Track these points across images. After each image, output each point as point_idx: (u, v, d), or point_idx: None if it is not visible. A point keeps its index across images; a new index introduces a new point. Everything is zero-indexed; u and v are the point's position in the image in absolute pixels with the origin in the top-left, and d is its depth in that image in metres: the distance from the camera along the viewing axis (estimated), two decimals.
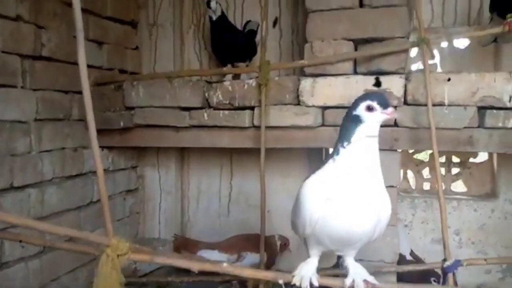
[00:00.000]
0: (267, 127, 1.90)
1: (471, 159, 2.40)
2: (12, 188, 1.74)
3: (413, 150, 2.40)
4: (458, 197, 2.34)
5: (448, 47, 2.31)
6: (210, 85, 1.99)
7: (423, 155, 2.50)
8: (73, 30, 1.97)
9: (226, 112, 1.98)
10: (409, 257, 2.03)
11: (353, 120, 1.12)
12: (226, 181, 2.59)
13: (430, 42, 1.67)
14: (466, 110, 1.71)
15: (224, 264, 1.00)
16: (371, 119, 1.10)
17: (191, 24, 2.57)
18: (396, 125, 1.77)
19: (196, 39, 2.58)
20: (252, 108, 1.95)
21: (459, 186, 2.44)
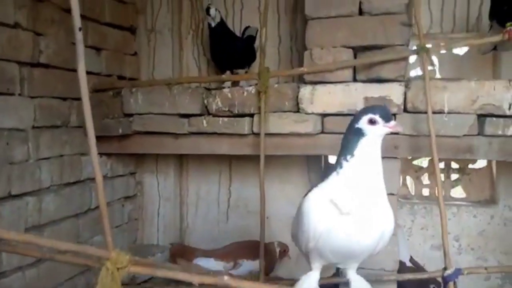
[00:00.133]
0: (267, 134, 1.89)
1: (470, 165, 2.40)
2: (10, 196, 1.72)
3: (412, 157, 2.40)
4: (458, 203, 2.34)
5: (447, 53, 2.31)
6: (209, 92, 1.99)
7: (423, 161, 2.49)
8: (71, 36, 1.98)
9: (225, 119, 1.97)
10: (408, 263, 2.02)
11: (355, 133, 1.11)
12: (225, 187, 2.58)
13: (430, 51, 1.67)
14: (466, 118, 1.71)
15: (225, 277, 0.99)
16: (373, 133, 1.09)
17: (190, 30, 2.57)
18: (396, 132, 1.76)
19: (194, 45, 2.57)
20: (251, 115, 1.94)
21: (458, 192, 2.44)
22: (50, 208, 1.91)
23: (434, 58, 2.25)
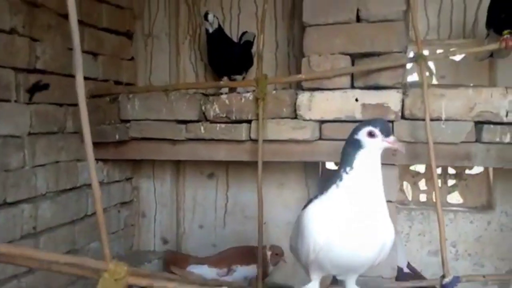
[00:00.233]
0: (264, 141, 1.88)
1: (467, 171, 2.40)
2: (5, 204, 1.71)
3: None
4: (455, 209, 2.34)
5: (443, 59, 2.32)
6: (207, 98, 1.98)
7: (420, 167, 2.50)
8: (68, 41, 1.97)
9: (223, 125, 1.96)
10: (406, 269, 2.02)
11: (354, 144, 1.11)
12: (222, 192, 2.58)
13: (427, 59, 1.67)
14: (463, 125, 1.71)
15: None
16: (372, 145, 1.10)
17: (187, 35, 2.56)
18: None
19: (192, 50, 2.56)
20: (249, 121, 1.94)
21: (455, 198, 2.44)
22: (46, 215, 1.90)
23: (431, 64, 2.26)
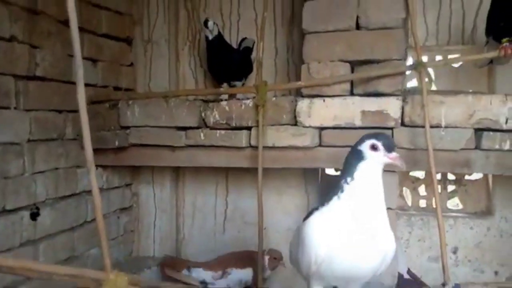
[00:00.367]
0: (264, 147, 1.89)
1: (467, 177, 2.40)
2: (4, 211, 1.70)
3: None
4: (454, 214, 2.34)
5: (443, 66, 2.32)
6: (206, 104, 1.98)
7: (419, 172, 2.50)
8: (67, 48, 1.99)
9: (222, 132, 1.96)
10: (406, 275, 2.02)
11: (356, 155, 1.12)
12: (222, 198, 2.57)
13: (427, 66, 1.68)
14: (463, 132, 1.72)
15: None
16: (373, 158, 1.10)
17: (186, 41, 2.56)
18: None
19: (191, 56, 2.56)
20: (249, 128, 1.94)
21: (455, 203, 2.44)
22: (45, 222, 1.89)
23: (430, 70, 2.26)
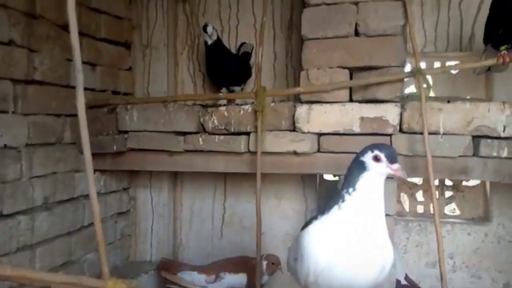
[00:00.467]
0: (263, 153, 1.88)
1: (464, 182, 2.41)
2: (1, 215, 1.70)
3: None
4: (452, 220, 2.34)
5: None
6: (205, 110, 1.98)
7: (417, 178, 2.50)
8: (66, 52, 1.99)
9: (221, 137, 1.96)
10: (404, 281, 2.02)
11: (358, 165, 1.13)
12: (220, 202, 2.57)
13: (425, 73, 1.68)
14: (461, 139, 1.72)
15: None
16: (376, 169, 1.11)
17: (185, 45, 2.57)
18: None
19: (190, 60, 2.57)
20: (247, 133, 1.94)
21: (452, 209, 2.45)
22: (42, 226, 1.88)
23: (428, 77, 2.27)
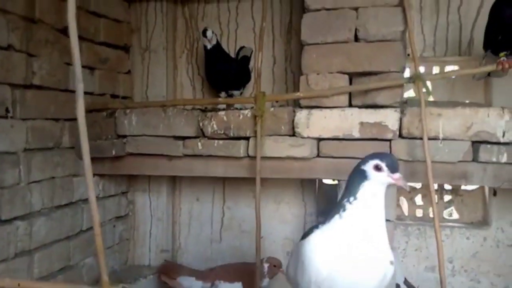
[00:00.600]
0: (262, 158, 1.88)
1: (463, 186, 2.41)
2: None
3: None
4: (451, 224, 2.35)
5: (439, 75, 2.33)
6: (204, 114, 1.98)
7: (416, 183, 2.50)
8: (65, 56, 1.98)
9: (220, 141, 1.95)
10: (403, 285, 2.02)
11: (359, 174, 1.13)
12: (219, 206, 2.56)
13: (425, 79, 1.69)
14: (461, 144, 1.72)
15: None
16: (377, 179, 1.11)
17: (184, 48, 2.56)
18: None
19: (189, 64, 2.56)
20: (247, 138, 1.93)
21: (452, 213, 2.45)
22: (41, 232, 1.87)
23: (428, 82, 2.27)
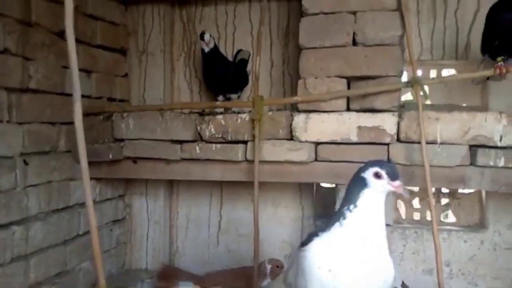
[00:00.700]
0: (260, 161, 1.88)
1: (460, 190, 2.41)
2: None
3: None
4: (448, 227, 2.35)
5: (436, 79, 2.33)
6: (202, 118, 1.97)
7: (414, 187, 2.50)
8: (61, 59, 1.97)
9: (218, 145, 1.95)
10: None
11: (359, 181, 1.12)
12: (216, 210, 2.56)
13: (422, 83, 1.69)
14: (458, 148, 1.73)
15: None
16: (376, 187, 1.10)
17: (182, 51, 2.56)
18: (389, 162, 1.78)
19: (186, 67, 2.56)
20: (245, 142, 1.93)
21: (448, 216, 2.45)
22: (37, 236, 1.86)
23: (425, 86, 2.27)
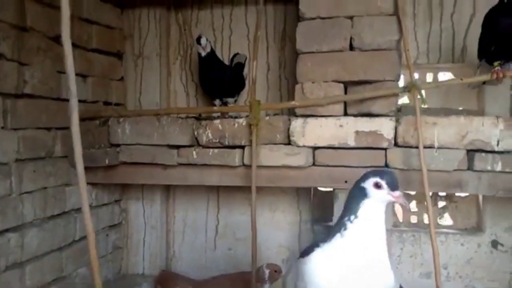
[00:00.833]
0: (258, 166, 1.87)
1: (457, 193, 2.42)
2: None
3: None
4: (446, 230, 2.35)
5: (433, 82, 2.34)
6: (199, 123, 1.96)
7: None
8: (57, 64, 1.95)
9: (215, 150, 1.94)
10: None
11: (359, 192, 1.12)
12: (213, 214, 2.55)
13: (420, 88, 1.69)
14: (456, 153, 1.73)
15: None
16: (377, 197, 1.10)
17: (178, 55, 2.55)
18: (387, 167, 1.78)
19: (183, 70, 2.55)
20: (242, 147, 1.92)
21: (446, 220, 2.46)
22: (33, 243, 1.84)
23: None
